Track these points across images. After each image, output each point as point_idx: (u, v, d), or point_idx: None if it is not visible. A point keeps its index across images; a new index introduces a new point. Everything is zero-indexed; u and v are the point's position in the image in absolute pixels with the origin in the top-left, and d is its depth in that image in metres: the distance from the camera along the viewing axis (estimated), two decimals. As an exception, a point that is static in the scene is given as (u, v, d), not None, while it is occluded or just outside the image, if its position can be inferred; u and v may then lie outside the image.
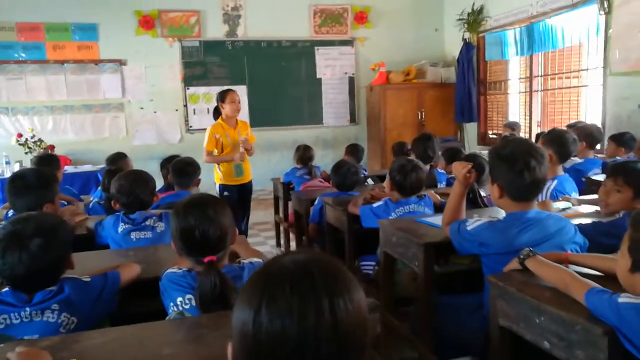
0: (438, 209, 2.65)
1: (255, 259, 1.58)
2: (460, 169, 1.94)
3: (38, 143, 5.41)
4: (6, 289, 1.38)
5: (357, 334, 0.68)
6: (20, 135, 5.48)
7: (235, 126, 4.09)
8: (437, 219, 2.17)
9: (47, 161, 3.48)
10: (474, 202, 2.56)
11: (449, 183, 3.36)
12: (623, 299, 1.16)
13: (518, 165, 1.67)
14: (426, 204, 2.64)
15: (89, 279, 1.49)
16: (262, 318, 0.65)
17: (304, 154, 4.43)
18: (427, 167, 3.31)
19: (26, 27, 5.82)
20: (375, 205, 2.65)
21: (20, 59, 5.82)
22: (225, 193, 4.06)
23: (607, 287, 1.24)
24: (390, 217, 2.54)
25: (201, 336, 1.20)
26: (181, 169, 3.04)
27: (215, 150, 4.04)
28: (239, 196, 4.10)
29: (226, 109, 4.02)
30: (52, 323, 1.35)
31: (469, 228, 1.81)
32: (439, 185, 3.32)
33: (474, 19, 6.46)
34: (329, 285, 0.67)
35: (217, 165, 4.11)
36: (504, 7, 6.03)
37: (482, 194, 2.67)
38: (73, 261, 1.53)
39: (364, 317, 0.69)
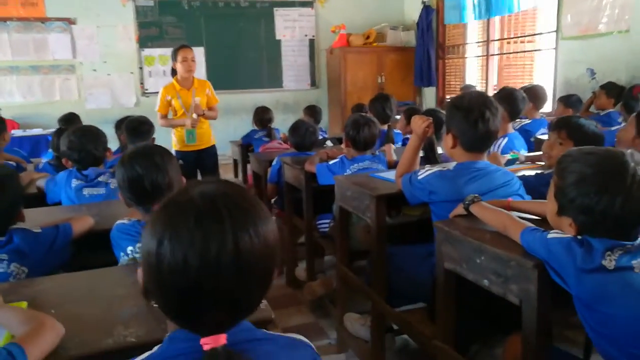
0: (392, 166, 2.72)
1: None
2: (420, 122, 1.99)
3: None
4: None
5: (261, 265, 0.69)
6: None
7: (190, 87, 3.81)
8: (390, 174, 2.23)
9: None
10: (428, 158, 2.64)
11: (405, 143, 3.43)
12: (552, 234, 1.25)
13: (473, 115, 1.74)
14: (380, 161, 2.71)
15: (39, 230, 1.48)
16: (164, 249, 0.66)
17: (262, 116, 4.41)
18: (385, 126, 3.36)
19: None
20: (331, 162, 2.70)
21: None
22: (180, 161, 3.77)
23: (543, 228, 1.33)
24: (345, 174, 2.59)
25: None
26: (134, 128, 2.98)
27: (171, 113, 3.82)
28: (197, 163, 3.84)
29: (178, 68, 3.76)
30: (2, 272, 1.35)
31: (419, 177, 1.87)
32: (395, 145, 3.39)
33: (433, -18, 6.46)
34: (235, 220, 0.67)
35: (172, 130, 3.91)
36: (462, -29, 6.05)
37: (439, 150, 2.75)
38: (23, 214, 1.51)
39: (270, 250, 0.70)
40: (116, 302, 1.12)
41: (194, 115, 3.75)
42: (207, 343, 0.67)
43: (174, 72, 3.85)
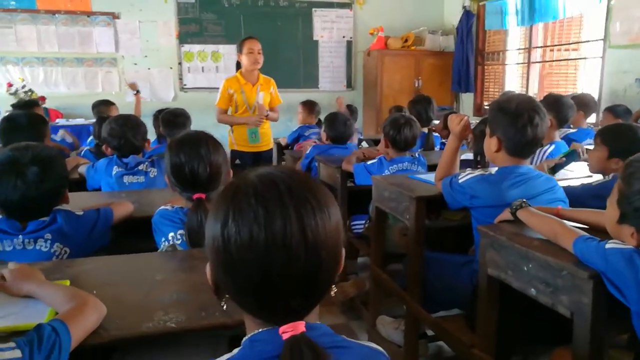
0: (431, 168, 2.66)
1: None
2: (457, 121, 1.93)
3: (29, 93, 5.31)
4: (0, 216, 1.38)
5: (329, 243, 0.67)
6: (10, 85, 5.37)
7: (255, 82, 3.56)
8: (430, 177, 2.18)
9: (30, 104, 3.43)
10: (478, 164, 2.55)
11: (444, 147, 3.36)
12: (610, 244, 1.18)
13: (522, 120, 1.68)
14: (420, 163, 2.65)
15: (81, 213, 1.49)
16: (229, 230, 0.65)
17: (314, 107, 4.41)
18: (425, 130, 3.30)
19: (16, -25, 5.63)
20: (369, 162, 2.66)
21: (10, 7, 5.65)
22: (237, 161, 3.61)
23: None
24: (383, 174, 2.55)
25: (193, 267, 1.21)
26: (170, 120, 3.02)
27: (230, 109, 3.55)
28: (254, 165, 3.64)
29: (243, 61, 3.48)
30: (45, 252, 1.36)
31: (460, 181, 1.82)
32: (436, 149, 3.33)
33: (475, -13, 6.35)
34: (295, 194, 0.66)
35: (230, 128, 3.61)
36: (506, -25, 5.92)
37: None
38: (68, 196, 1.53)
39: (335, 226, 0.69)
40: (156, 287, 1.11)
41: (264, 112, 3.52)
42: (286, 331, 0.65)
43: (238, 65, 3.63)
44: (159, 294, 1.08)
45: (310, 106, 4.52)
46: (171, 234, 1.42)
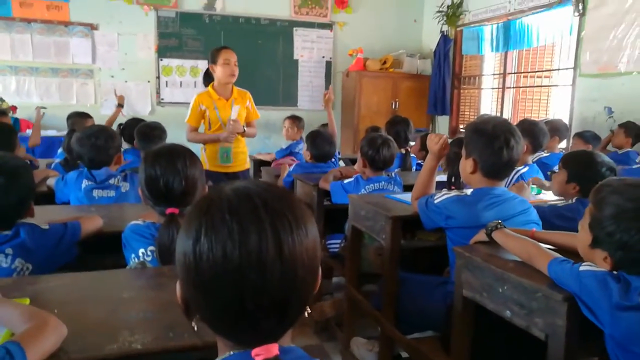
0: (408, 188, 2.66)
1: None
2: (435, 140, 1.94)
3: (2, 104, 5.16)
4: None
5: (306, 262, 0.65)
6: (-20, 94, 5.22)
7: (229, 96, 3.23)
8: (407, 196, 2.18)
9: None
10: (454, 184, 2.57)
11: (420, 168, 3.39)
12: (584, 267, 1.19)
13: (498, 142, 1.70)
14: (396, 183, 2.66)
15: (47, 227, 1.43)
16: (201, 246, 0.62)
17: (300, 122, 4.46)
18: (403, 151, 3.32)
19: (-8, -18, 5.52)
20: (345, 181, 2.66)
21: (-16, 14, 5.53)
22: (209, 183, 3.15)
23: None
24: (360, 193, 2.54)
25: (162, 284, 1.17)
26: (145, 133, 2.97)
27: (203, 126, 3.24)
28: None
29: (218, 72, 3.14)
30: (5, 268, 1.29)
31: (436, 201, 1.82)
32: (413, 170, 3.35)
33: (452, 12, 6.50)
34: (271, 209, 0.64)
35: (202, 146, 3.29)
36: (482, 3, 6.09)
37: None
38: (33, 209, 1.46)
39: (312, 243, 0.66)
40: (123, 305, 1.06)
41: (240, 129, 3.20)
42: (259, 354, 0.62)
43: (208, 78, 3.29)
44: (125, 313, 1.03)
45: (297, 121, 4.53)
46: (141, 250, 1.37)
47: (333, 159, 3.53)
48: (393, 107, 6.81)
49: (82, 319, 1.00)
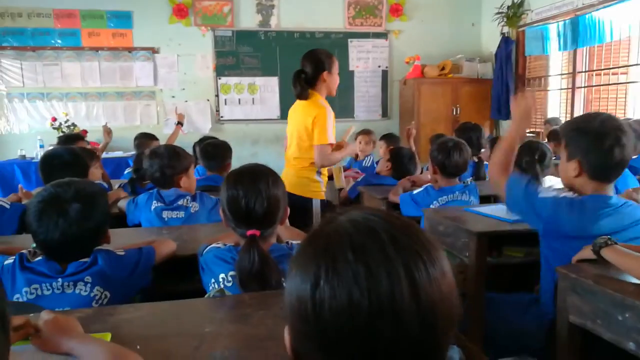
0: (485, 198, 2.48)
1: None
2: (527, 98, 1.72)
3: (71, 128, 5.42)
4: (39, 257, 1.30)
5: (445, 306, 0.54)
6: (54, 120, 5.50)
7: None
8: (489, 209, 2.02)
9: (74, 138, 3.46)
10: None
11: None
12: None
13: (608, 141, 1.50)
14: (471, 192, 2.48)
15: (123, 253, 1.40)
16: (322, 292, 0.52)
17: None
18: (475, 159, 3.14)
19: (63, 14, 5.84)
20: (415, 192, 2.51)
21: (57, 45, 5.85)
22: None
23: None
24: (432, 206, 2.39)
25: (245, 315, 1.08)
26: (209, 152, 2.96)
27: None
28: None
29: (332, 81, 2.70)
30: (85, 296, 1.26)
31: (540, 195, 1.61)
32: (486, 179, 3.16)
33: (513, 13, 6.21)
34: (402, 246, 0.53)
35: (319, 171, 2.71)
36: (546, 0, 5.78)
37: (546, 183, 2.48)
38: (109, 235, 1.44)
39: (449, 284, 0.55)
40: (206, 340, 0.99)
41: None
42: None
43: (305, 81, 2.66)
44: (209, 349, 0.95)
45: (371, 135, 4.42)
46: (222, 275, 1.30)
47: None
48: (454, 113, 6.58)
49: (166, 356, 0.93)
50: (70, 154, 2.34)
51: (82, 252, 1.31)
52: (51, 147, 4.89)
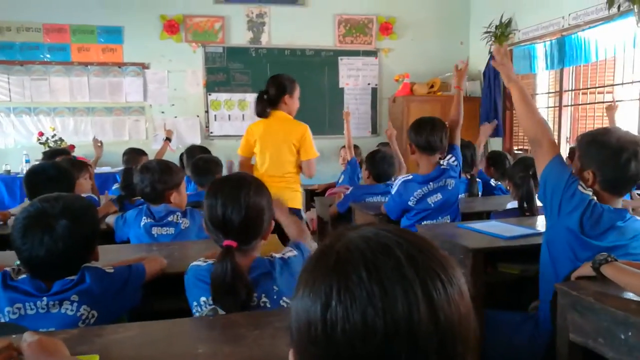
0: (468, 217, 2.49)
1: (302, 243, 1.41)
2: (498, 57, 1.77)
3: (58, 142, 5.35)
4: (24, 275, 1.24)
5: (464, 325, 0.51)
6: (41, 134, 5.42)
7: None
8: (481, 225, 2.01)
9: (59, 153, 3.40)
10: (523, 210, 2.36)
11: (489, 189, 3.20)
12: None
13: (625, 155, 1.52)
14: (450, 174, 2.51)
15: (112, 270, 1.35)
16: (334, 313, 0.49)
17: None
18: (467, 176, 3.15)
19: (53, 29, 5.80)
20: (393, 192, 2.55)
21: (46, 59, 5.80)
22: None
23: None
24: (416, 193, 2.42)
25: (239, 336, 1.04)
26: (199, 166, 2.93)
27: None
28: None
29: (292, 105, 3.00)
30: (71, 316, 1.21)
31: (582, 191, 1.56)
32: (479, 195, 3.16)
33: (501, 32, 6.31)
34: (418, 264, 0.51)
35: (299, 182, 3.05)
36: (533, 20, 5.88)
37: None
38: (98, 252, 1.39)
39: (467, 304, 0.53)
40: (198, 362, 0.94)
41: None
42: None
43: (268, 102, 3.02)
44: (202, 372, 0.91)
45: (356, 149, 4.44)
46: (203, 299, 1.25)
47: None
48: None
49: (156, 379, 0.88)
50: (55, 168, 2.30)
51: (69, 270, 1.26)
52: (36, 162, 4.83)
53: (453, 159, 2.53)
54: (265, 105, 2.96)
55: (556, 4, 5.52)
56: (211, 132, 6.33)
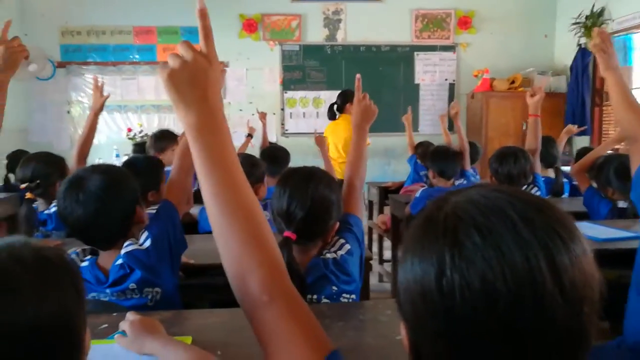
0: (554, 191, 2.37)
1: (352, 216, 1.38)
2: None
3: (145, 138, 5.69)
4: (85, 263, 1.30)
5: (589, 285, 0.48)
6: (129, 130, 5.81)
7: None
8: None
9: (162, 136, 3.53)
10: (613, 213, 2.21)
11: (573, 190, 3.01)
12: None
13: None
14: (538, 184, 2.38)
15: (147, 244, 1.33)
16: (450, 280, 0.47)
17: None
18: (550, 171, 2.98)
19: (141, 31, 6.19)
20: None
21: (135, 60, 6.20)
22: None
23: None
24: None
25: (323, 326, 1.04)
26: (270, 155, 3.00)
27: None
28: None
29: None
30: (140, 299, 1.27)
31: None
32: (564, 195, 2.98)
33: (592, 23, 5.89)
34: (535, 224, 0.48)
35: None
36: (630, 8, 5.43)
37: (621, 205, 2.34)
38: (142, 213, 1.39)
39: (591, 262, 0.49)
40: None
41: None
42: None
43: (335, 110, 4.02)
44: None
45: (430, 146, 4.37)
46: None
47: (464, 179, 3.27)
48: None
49: (246, 363, 0.91)
50: (144, 161, 2.44)
51: (113, 231, 1.30)
52: (126, 156, 5.17)
53: (536, 189, 2.44)
54: (334, 112, 3.94)
55: (657, -10, 5.07)
56: (287, 130, 6.46)
